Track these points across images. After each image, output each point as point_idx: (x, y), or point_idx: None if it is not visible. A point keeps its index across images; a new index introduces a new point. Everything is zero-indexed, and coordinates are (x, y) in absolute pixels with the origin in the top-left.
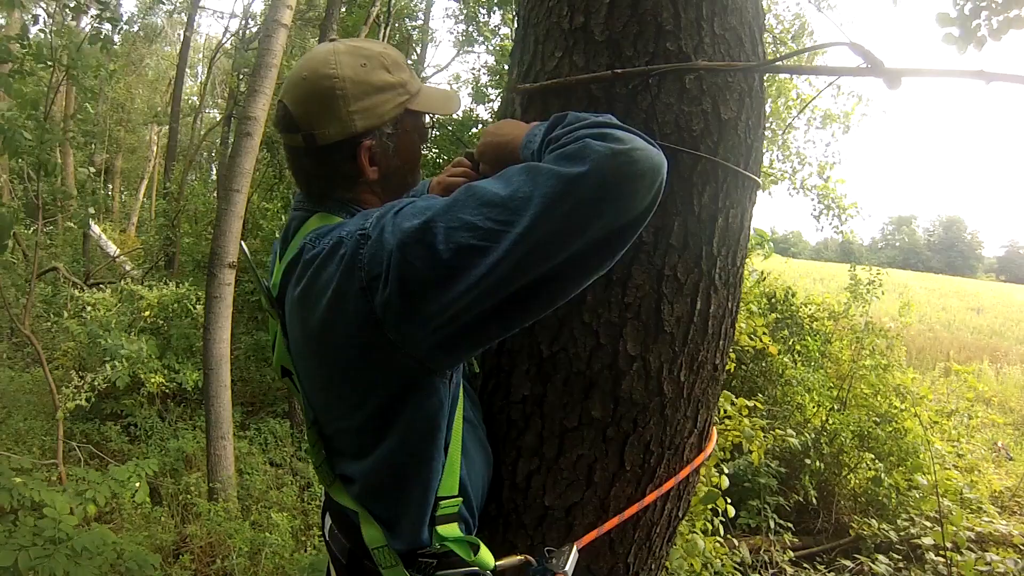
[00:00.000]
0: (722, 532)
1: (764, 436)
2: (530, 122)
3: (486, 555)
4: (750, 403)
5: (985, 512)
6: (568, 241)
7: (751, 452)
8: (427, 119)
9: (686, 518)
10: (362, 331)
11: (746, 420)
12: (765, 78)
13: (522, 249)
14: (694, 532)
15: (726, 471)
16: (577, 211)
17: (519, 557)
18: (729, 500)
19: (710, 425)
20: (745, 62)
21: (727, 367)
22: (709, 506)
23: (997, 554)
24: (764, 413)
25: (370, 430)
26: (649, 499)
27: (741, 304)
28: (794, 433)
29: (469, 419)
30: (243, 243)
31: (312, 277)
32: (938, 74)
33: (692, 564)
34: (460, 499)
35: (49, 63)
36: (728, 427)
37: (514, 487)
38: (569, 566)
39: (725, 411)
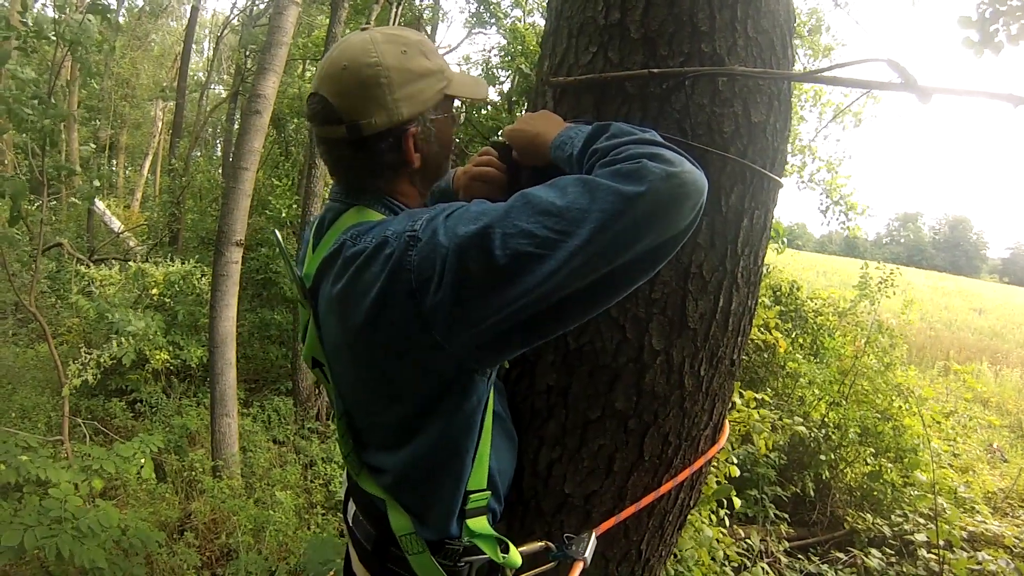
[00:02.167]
0: (727, 523)
1: (772, 429)
2: (562, 115)
3: (515, 555)
4: (759, 396)
5: (978, 512)
6: (619, 254)
7: (757, 442)
8: (457, 104)
9: (696, 508)
10: (408, 332)
11: (755, 413)
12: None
13: (579, 260)
14: (703, 523)
15: (735, 462)
16: (632, 228)
17: (539, 543)
18: (733, 491)
19: (724, 418)
20: (777, 67)
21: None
22: (715, 497)
23: (989, 554)
24: (772, 406)
25: (405, 425)
26: (665, 488)
27: None
28: (802, 422)
29: (497, 412)
30: (277, 231)
31: (354, 276)
32: (969, 94)
33: (700, 555)
34: (489, 492)
35: (52, 37)
36: (737, 419)
37: (535, 475)
38: (588, 553)
39: (734, 403)
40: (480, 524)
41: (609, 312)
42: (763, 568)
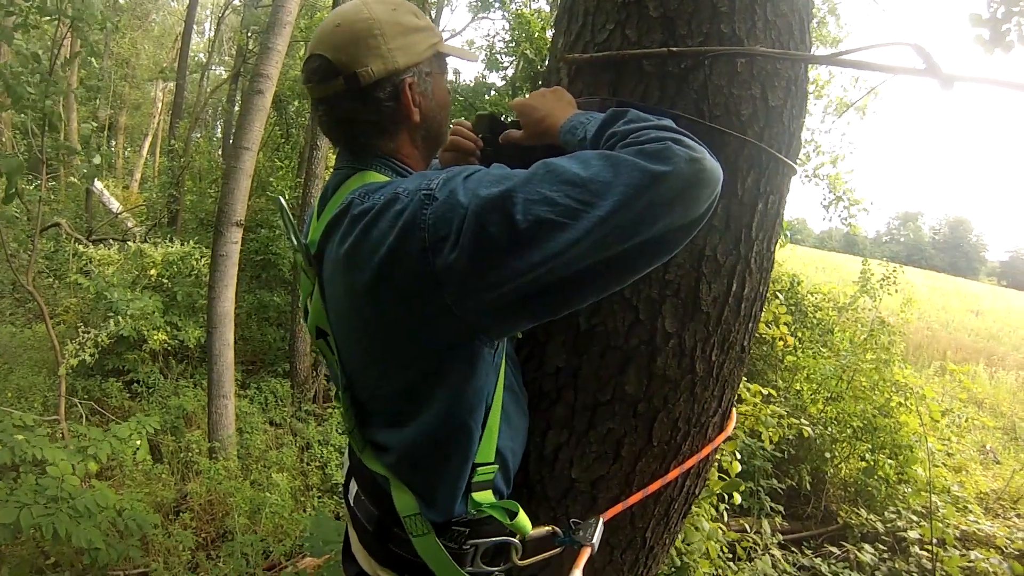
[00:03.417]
0: (726, 518)
1: (778, 424)
2: (577, 92)
3: (523, 520)
4: (765, 391)
5: (971, 512)
6: (638, 232)
7: (760, 435)
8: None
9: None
10: (417, 292)
11: (766, 408)
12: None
13: (599, 232)
14: (702, 516)
15: (738, 456)
16: (654, 206)
17: (546, 528)
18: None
19: (732, 405)
20: (794, 50)
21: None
22: (724, 492)
23: (981, 554)
24: (781, 400)
25: (410, 397)
26: (672, 475)
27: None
28: (807, 420)
29: (511, 387)
30: (282, 198)
31: (362, 233)
32: (992, 83)
33: (707, 548)
34: (496, 466)
35: (54, 16)
36: (744, 412)
37: (541, 459)
38: (596, 538)
39: (740, 395)
40: (485, 496)
41: (622, 293)
42: (771, 557)
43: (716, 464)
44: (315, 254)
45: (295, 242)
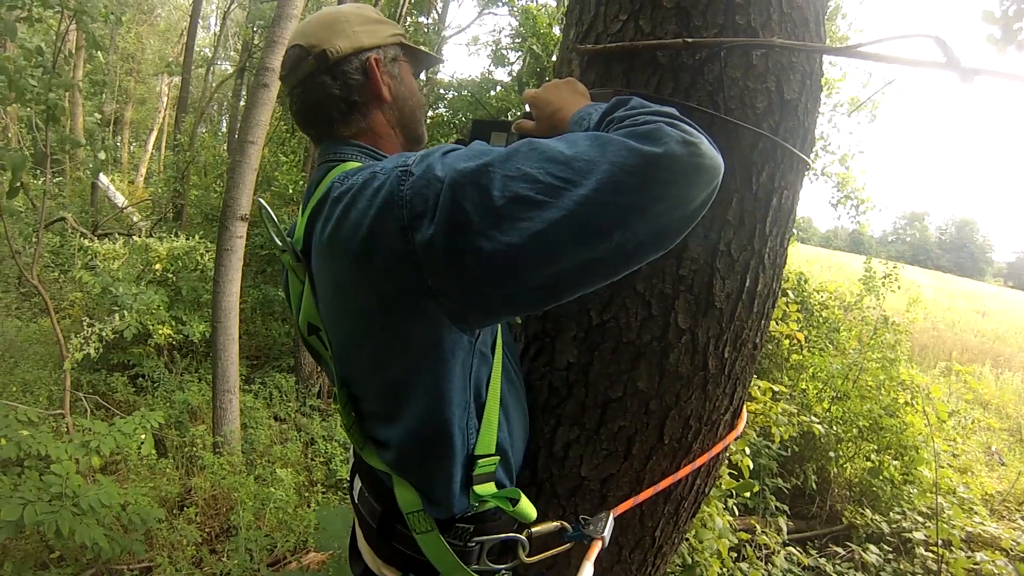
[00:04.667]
0: (736, 514)
1: (789, 422)
2: (589, 84)
3: (525, 506)
4: (775, 388)
5: (977, 513)
6: (627, 218)
7: (768, 433)
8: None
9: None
10: (398, 274)
11: (776, 407)
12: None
13: (583, 214)
14: (713, 512)
15: (747, 452)
16: (643, 188)
17: (555, 523)
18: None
19: (743, 403)
20: (810, 43)
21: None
22: (739, 491)
23: (986, 555)
24: (787, 399)
25: (398, 390)
26: (683, 473)
27: None
28: (817, 418)
29: (509, 377)
30: (261, 199)
31: (342, 216)
32: (1012, 78)
33: (719, 546)
34: (497, 458)
35: (57, 8)
36: (754, 410)
37: (551, 456)
38: (607, 532)
39: (750, 393)
40: (487, 489)
41: (634, 287)
42: (785, 557)
43: (727, 461)
44: (302, 250)
45: (280, 242)
